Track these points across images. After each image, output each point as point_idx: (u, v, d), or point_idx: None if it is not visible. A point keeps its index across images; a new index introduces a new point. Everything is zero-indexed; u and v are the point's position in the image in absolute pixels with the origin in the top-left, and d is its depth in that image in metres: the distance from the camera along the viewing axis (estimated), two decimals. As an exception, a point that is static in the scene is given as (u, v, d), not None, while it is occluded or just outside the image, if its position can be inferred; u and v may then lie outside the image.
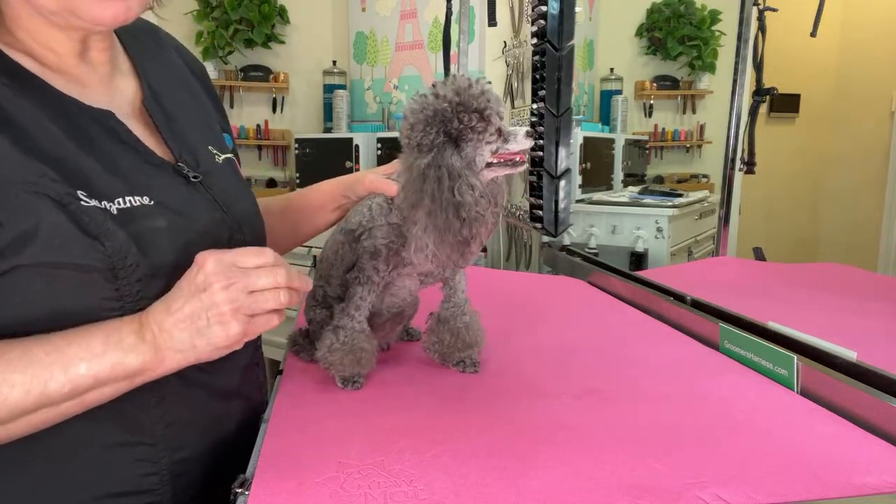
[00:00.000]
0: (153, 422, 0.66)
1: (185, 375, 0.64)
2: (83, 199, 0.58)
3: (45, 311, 0.58)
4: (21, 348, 0.55)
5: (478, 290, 0.93)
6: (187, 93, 0.80)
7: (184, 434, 0.68)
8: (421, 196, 0.70)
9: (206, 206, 0.70)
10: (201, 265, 0.59)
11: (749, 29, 1.69)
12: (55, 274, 0.57)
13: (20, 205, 0.55)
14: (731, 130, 1.76)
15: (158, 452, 0.66)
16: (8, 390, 0.54)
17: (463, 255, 0.73)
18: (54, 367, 0.55)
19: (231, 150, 0.82)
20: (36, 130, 0.59)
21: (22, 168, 0.56)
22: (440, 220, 0.69)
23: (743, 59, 1.70)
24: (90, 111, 0.65)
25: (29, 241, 0.55)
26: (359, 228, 0.81)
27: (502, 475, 0.58)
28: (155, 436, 0.66)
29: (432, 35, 3.05)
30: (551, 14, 1.29)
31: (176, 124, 0.73)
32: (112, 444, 0.64)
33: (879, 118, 3.24)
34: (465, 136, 0.72)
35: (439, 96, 0.72)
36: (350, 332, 0.79)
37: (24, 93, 0.60)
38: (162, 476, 0.66)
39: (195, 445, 0.69)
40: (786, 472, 0.58)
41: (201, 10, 3.26)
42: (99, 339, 0.57)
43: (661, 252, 2.11)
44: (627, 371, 0.85)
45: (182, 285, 0.59)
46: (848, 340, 0.79)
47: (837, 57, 3.48)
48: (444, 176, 0.70)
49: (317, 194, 0.95)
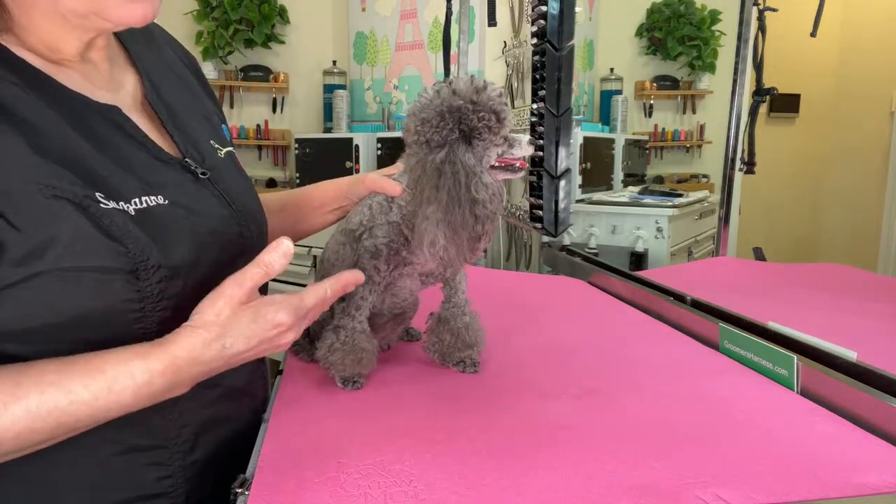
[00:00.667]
0: (167, 425, 0.65)
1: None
2: (102, 202, 0.57)
3: (67, 314, 0.56)
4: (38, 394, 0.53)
5: (478, 290, 0.93)
6: (184, 86, 0.79)
7: (196, 435, 0.68)
8: (436, 192, 0.70)
9: (214, 202, 0.69)
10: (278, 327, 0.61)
11: (749, 29, 1.69)
12: (78, 277, 0.55)
13: (39, 209, 0.54)
14: (731, 130, 1.76)
15: (172, 455, 0.66)
16: (31, 435, 0.53)
17: (473, 251, 0.73)
18: (81, 415, 0.55)
19: (229, 143, 0.81)
20: (49, 129, 0.58)
21: (39, 171, 0.55)
22: (456, 216, 0.69)
23: (743, 59, 1.70)
24: (97, 107, 0.63)
25: (50, 247, 0.54)
26: (359, 228, 0.81)
27: (502, 475, 0.58)
28: (169, 439, 0.66)
29: (432, 35, 3.05)
30: (551, 14, 1.29)
31: (178, 118, 0.72)
32: (127, 448, 0.63)
33: (879, 118, 3.25)
34: (479, 135, 0.72)
35: (457, 92, 0.72)
36: (351, 332, 0.79)
37: (33, 90, 0.59)
38: (176, 479, 0.66)
39: (207, 447, 0.69)
40: (786, 472, 0.58)
41: (201, 10, 3.26)
42: (127, 396, 0.56)
43: (661, 252, 2.11)
44: (627, 371, 0.85)
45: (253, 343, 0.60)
46: (848, 340, 0.79)
47: (837, 57, 3.48)
48: (460, 172, 0.70)
49: (317, 193, 0.94)
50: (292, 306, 0.61)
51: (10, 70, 0.58)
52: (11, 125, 0.55)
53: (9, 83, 0.57)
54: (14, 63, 0.59)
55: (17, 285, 0.54)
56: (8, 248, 0.53)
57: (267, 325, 0.60)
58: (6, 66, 0.58)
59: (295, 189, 1.00)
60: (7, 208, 0.53)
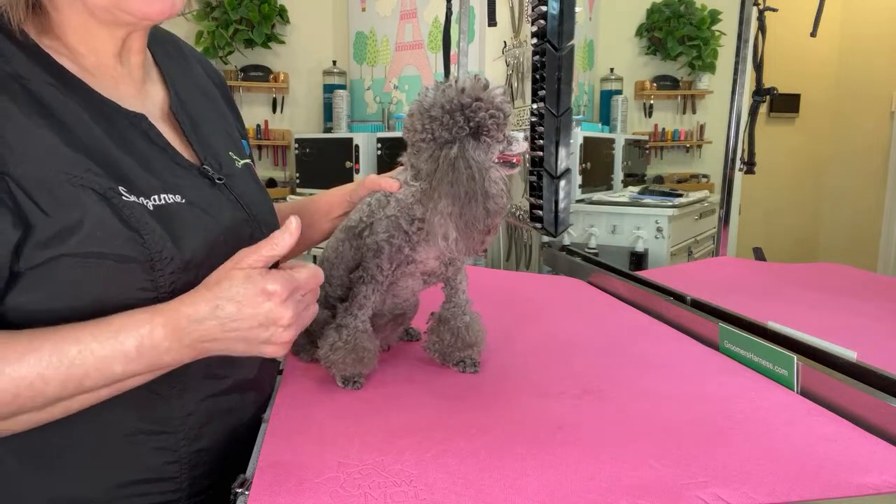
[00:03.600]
0: (174, 411, 0.68)
1: (207, 367, 0.67)
2: (124, 195, 0.61)
3: (86, 298, 0.60)
4: (51, 345, 0.57)
5: (478, 290, 0.93)
6: (209, 101, 0.84)
7: (202, 424, 0.70)
8: (450, 187, 0.71)
9: (229, 206, 0.73)
10: (269, 296, 0.61)
11: (749, 29, 1.69)
12: (97, 263, 0.59)
13: (67, 197, 0.58)
14: (731, 130, 1.76)
15: (178, 441, 0.68)
16: (43, 385, 0.56)
17: (482, 244, 0.75)
18: (88, 366, 0.57)
19: (248, 156, 0.85)
20: (80, 127, 0.62)
21: (68, 161, 0.59)
22: (469, 210, 0.71)
23: (743, 59, 1.70)
24: (126, 113, 0.68)
25: (74, 232, 0.58)
26: (359, 224, 0.82)
27: (502, 475, 0.58)
28: (175, 425, 0.68)
29: (432, 35, 3.05)
30: (551, 14, 1.29)
31: (200, 130, 0.77)
32: (135, 431, 0.66)
33: (879, 118, 3.25)
34: (486, 132, 0.74)
35: (464, 91, 0.73)
36: (353, 332, 0.79)
37: (68, 92, 0.64)
38: (181, 464, 0.69)
39: (212, 436, 0.72)
40: (786, 472, 0.58)
41: (201, 10, 3.26)
42: (131, 343, 0.59)
43: (661, 252, 2.11)
44: (627, 371, 0.85)
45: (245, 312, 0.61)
46: (848, 340, 0.79)
47: (837, 57, 3.48)
48: (473, 168, 0.72)
49: (324, 200, 0.99)
50: (283, 277, 0.62)
51: (48, 73, 0.63)
52: (46, 119, 0.60)
53: (46, 84, 0.62)
54: (52, 66, 0.64)
55: (42, 266, 0.58)
56: (35, 232, 0.57)
57: (256, 289, 0.61)
58: (45, 69, 0.63)
59: (304, 198, 1.05)
60: (40, 195, 0.57)
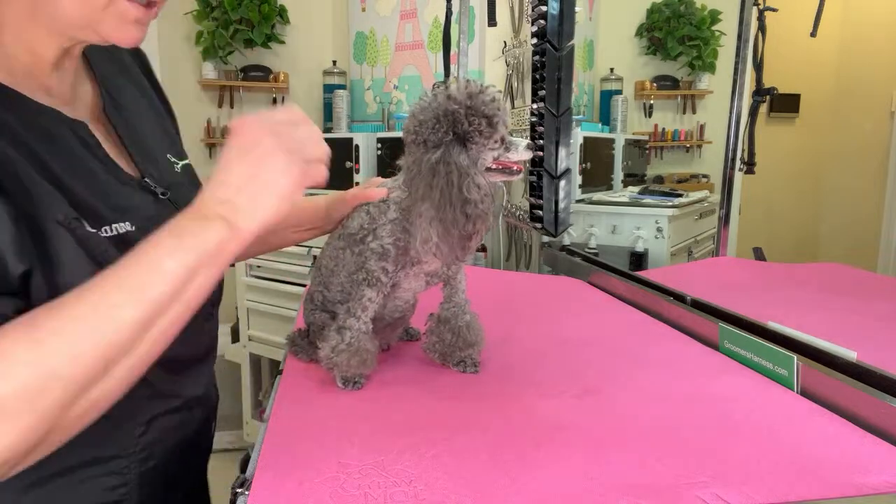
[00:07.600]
0: (126, 435, 0.67)
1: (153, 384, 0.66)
2: (87, 226, 0.59)
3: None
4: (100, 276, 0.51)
5: (478, 290, 0.93)
6: (140, 93, 0.78)
7: (153, 444, 0.70)
8: (430, 190, 0.72)
9: None
10: (240, 130, 0.57)
11: (749, 29, 1.69)
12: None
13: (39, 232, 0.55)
14: (731, 130, 1.76)
15: (130, 464, 0.68)
16: (117, 311, 0.50)
17: (464, 249, 0.75)
18: (142, 275, 0.51)
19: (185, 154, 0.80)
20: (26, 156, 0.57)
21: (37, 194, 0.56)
22: (447, 214, 0.71)
23: (743, 59, 1.70)
24: (67, 122, 0.63)
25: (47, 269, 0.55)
26: (360, 231, 0.81)
27: (502, 475, 0.58)
28: (127, 448, 0.67)
29: (432, 35, 3.05)
30: (551, 14, 1.29)
31: (136, 133, 0.72)
32: (90, 460, 0.65)
33: (879, 118, 3.24)
34: (471, 139, 0.74)
35: (451, 97, 0.74)
36: (356, 334, 0.79)
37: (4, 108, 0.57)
38: (130, 486, 0.68)
39: (161, 454, 0.71)
40: (785, 472, 0.58)
41: (201, 10, 3.25)
42: (164, 237, 0.53)
43: (661, 252, 2.11)
44: (627, 371, 0.85)
45: (229, 156, 0.57)
46: (848, 340, 0.79)
47: (837, 57, 3.48)
48: (453, 172, 0.72)
49: (292, 212, 0.91)
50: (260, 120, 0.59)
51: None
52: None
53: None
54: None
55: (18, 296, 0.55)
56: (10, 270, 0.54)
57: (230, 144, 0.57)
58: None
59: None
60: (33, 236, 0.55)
